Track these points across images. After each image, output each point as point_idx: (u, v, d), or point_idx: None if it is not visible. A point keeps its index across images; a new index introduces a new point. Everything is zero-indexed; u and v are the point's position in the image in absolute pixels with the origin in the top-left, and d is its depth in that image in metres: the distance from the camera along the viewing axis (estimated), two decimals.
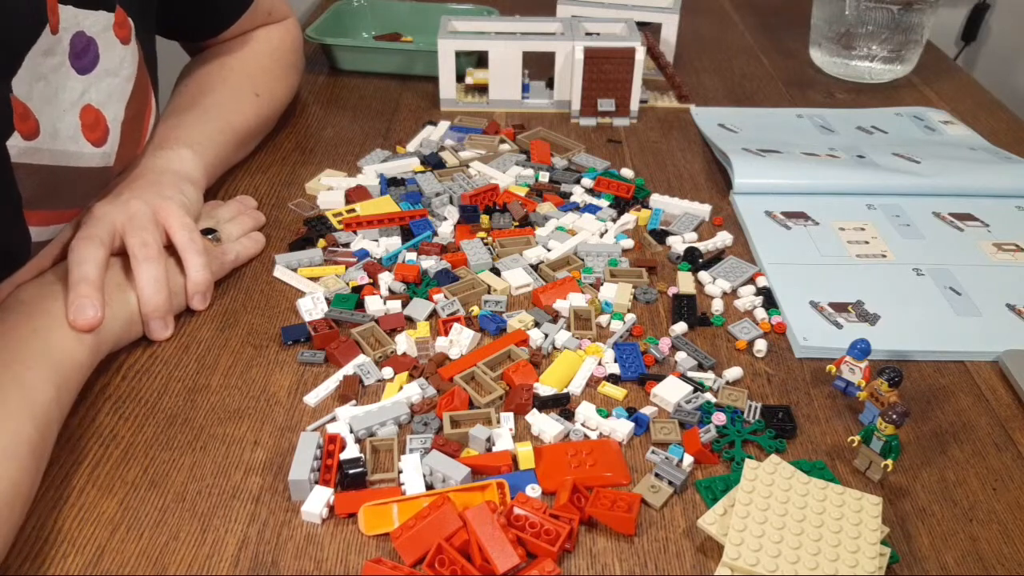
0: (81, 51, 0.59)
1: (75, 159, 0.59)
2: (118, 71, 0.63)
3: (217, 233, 0.68)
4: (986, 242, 0.75)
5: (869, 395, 0.55)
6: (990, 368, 0.62)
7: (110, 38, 0.61)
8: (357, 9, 1.14)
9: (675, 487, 0.51)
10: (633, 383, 0.59)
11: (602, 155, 0.88)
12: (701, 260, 0.72)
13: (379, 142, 0.90)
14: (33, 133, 0.55)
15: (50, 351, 0.53)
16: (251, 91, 0.82)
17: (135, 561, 0.46)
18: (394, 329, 0.63)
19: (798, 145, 0.89)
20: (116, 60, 0.63)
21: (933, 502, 0.51)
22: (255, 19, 0.85)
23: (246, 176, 0.83)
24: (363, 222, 0.74)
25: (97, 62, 0.61)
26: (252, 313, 0.65)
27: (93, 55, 0.60)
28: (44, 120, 0.56)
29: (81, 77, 0.59)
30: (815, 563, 0.44)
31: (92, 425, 0.55)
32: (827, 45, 1.09)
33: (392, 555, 0.47)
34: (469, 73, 0.98)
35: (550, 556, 0.46)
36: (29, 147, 0.55)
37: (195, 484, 0.51)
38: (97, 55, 0.60)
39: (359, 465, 0.51)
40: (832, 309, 0.66)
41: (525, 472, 0.52)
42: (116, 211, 0.61)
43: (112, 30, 0.61)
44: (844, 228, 0.76)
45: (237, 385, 0.58)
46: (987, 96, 1.08)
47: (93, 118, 0.60)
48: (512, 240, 0.73)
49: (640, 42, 0.91)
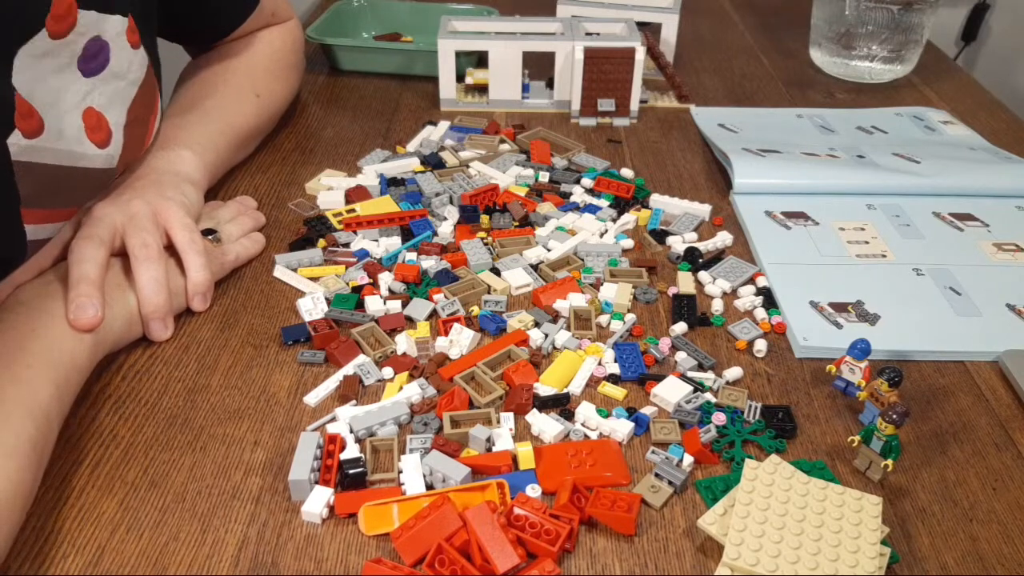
0: (92, 55, 0.59)
1: (79, 159, 0.59)
2: (125, 75, 0.63)
3: (217, 234, 0.68)
4: (986, 242, 0.75)
5: (869, 395, 0.55)
6: (990, 368, 0.62)
7: (123, 42, 0.62)
8: (357, 9, 1.14)
9: (675, 487, 0.51)
10: (633, 383, 0.59)
11: (602, 155, 0.88)
12: (701, 260, 0.72)
13: (379, 142, 0.90)
14: (36, 132, 0.55)
15: (49, 350, 0.53)
16: (252, 92, 0.82)
17: (135, 561, 0.46)
18: (394, 329, 0.63)
19: (798, 145, 0.89)
20: (125, 64, 0.63)
21: (933, 502, 0.51)
22: (258, 21, 0.85)
23: (246, 176, 0.83)
24: (363, 222, 0.74)
25: (106, 65, 0.61)
26: (252, 313, 0.65)
27: (103, 59, 0.60)
28: (49, 119, 0.56)
29: (86, 79, 0.59)
30: (815, 563, 0.44)
31: (92, 425, 0.55)
32: (827, 45, 1.09)
33: (392, 555, 0.47)
34: (469, 73, 0.98)
35: (550, 556, 0.46)
36: (30, 145, 0.55)
37: (195, 484, 0.51)
38: (107, 59, 0.61)
39: (359, 465, 0.51)
40: (832, 309, 0.66)
41: (525, 472, 0.52)
42: (117, 211, 0.61)
43: (125, 35, 0.62)
44: (844, 228, 0.76)
45: (237, 385, 0.58)
46: (987, 96, 1.08)
47: (95, 120, 0.61)
48: (512, 240, 0.73)
49: (640, 42, 0.91)
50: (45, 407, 0.50)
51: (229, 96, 0.79)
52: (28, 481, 0.46)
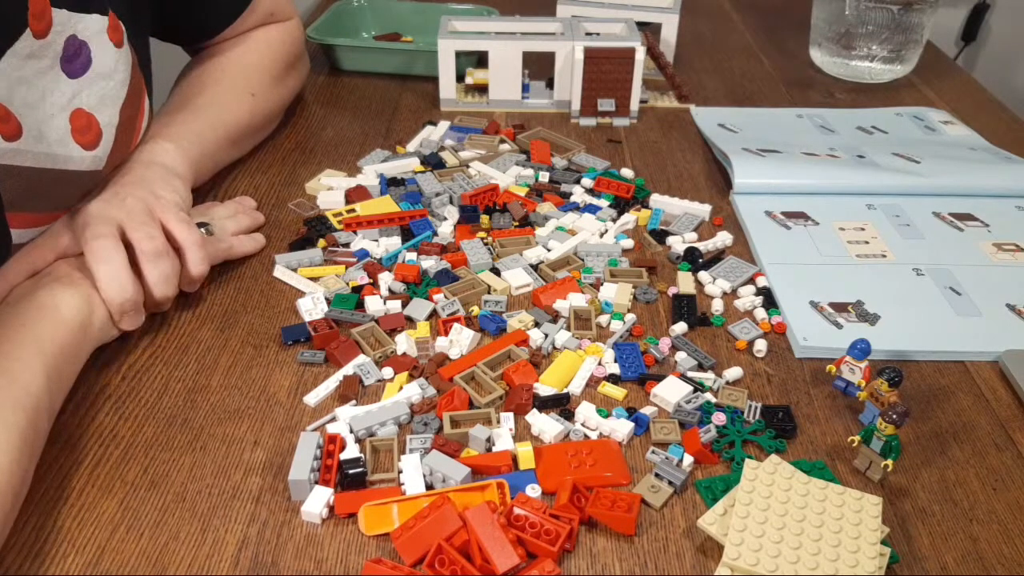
0: (73, 55, 0.59)
1: (63, 162, 0.59)
2: (112, 75, 0.63)
3: (210, 226, 0.68)
4: (986, 242, 0.75)
5: (869, 395, 0.55)
6: (990, 368, 0.62)
7: (103, 41, 0.61)
8: (357, 9, 1.14)
9: (675, 487, 0.51)
10: (633, 383, 0.59)
11: (602, 155, 0.88)
12: (701, 260, 0.72)
13: (379, 142, 0.90)
14: (14, 135, 0.55)
15: (39, 342, 0.52)
16: (246, 90, 0.81)
17: (135, 561, 0.46)
18: (394, 329, 0.63)
19: (798, 145, 0.89)
20: (110, 64, 0.62)
21: (933, 502, 0.51)
22: (255, 20, 0.85)
23: (246, 176, 0.83)
24: (363, 222, 0.74)
25: (89, 66, 0.61)
26: (252, 313, 0.65)
27: (85, 59, 0.60)
28: (28, 122, 0.56)
29: (72, 81, 0.59)
30: (815, 563, 0.44)
31: (92, 425, 0.55)
32: (827, 45, 1.09)
33: (392, 555, 0.47)
34: (469, 73, 0.98)
35: (550, 556, 0.46)
36: (10, 148, 0.55)
37: (195, 484, 0.51)
38: (89, 59, 0.60)
39: (359, 465, 0.51)
40: (832, 309, 0.66)
41: (525, 472, 0.52)
42: (113, 208, 0.61)
43: (106, 33, 0.61)
44: (844, 228, 0.76)
45: (237, 385, 0.58)
46: (987, 96, 1.08)
47: (85, 122, 0.60)
48: (512, 240, 0.73)
49: (640, 42, 0.91)
50: (36, 400, 0.50)
51: (220, 94, 0.79)
52: (20, 472, 0.46)
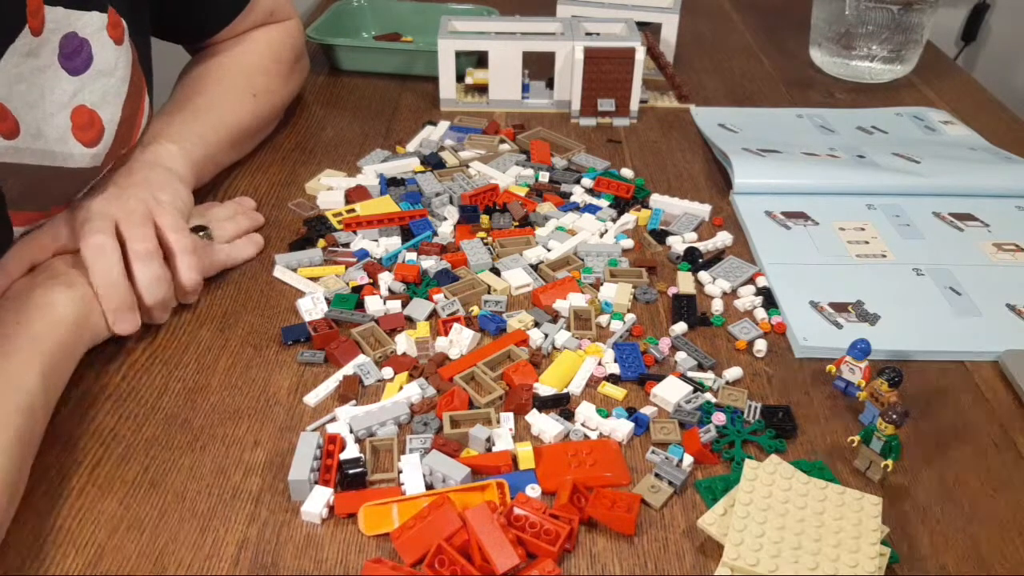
0: (72, 52, 0.59)
1: (62, 159, 0.59)
2: (112, 72, 0.63)
3: (208, 231, 0.68)
4: (986, 242, 0.75)
5: (869, 395, 0.55)
6: (990, 368, 0.62)
7: (104, 39, 0.61)
8: (357, 9, 1.14)
9: (675, 487, 0.51)
10: (633, 383, 0.59)
11: (602, 155, 0.88)
12: (701, 260, 0.72)
13: (379, 142, 0.90)
14: (12, 133, 0.55)
15: (34, 340, 0.52)
16: (247, 91, 0.81)
17: (135, 561, 0.46)
18: (394, 329, 0.63)
19: (798, 145, 0.89)
20: (111, 61, 0.62)
21: (933, 502, 0.51)
22: (254, 19, 0.85)
23: (246, 176, 0.83)
24: (363, 222, 0.74)
25: (90, 63, 0.60)
26: (252, 313, 0.65)
27: (86, 56, 0.60)
28: (26, 120, 0.56)
29: (73, 78, 0.59)
30: (815, 563, 0.44)
31: (92, 425, 0.55)
32: (827, 45, 1.09)
33: (392, 555, 0.47)
34: (469, 73, 0.98)
35: (550, 556, 0.46)
36: (9, 146, 0.55)
37: (195, 484, 0.51)
38: (90, 56, 0.60)
39: (359, 465, 0.51)
40: (832, 309, 0.66)
41: (525, 472, 0.52)
42: (113, 206, 0.61)
43: (106, 31, 0.61)
44: (844, 228, 0.76)
45: (237, 385, 0.58)
46: (987, 96, 1.08)
47: (87, 119, 0.60)
48: (512, 240, 0.73)
49: (640, 42, 0.91)
50: (32, 399, 0.50)
51: (222, 94, 0.79)
52: (15, 470, 0.46)
